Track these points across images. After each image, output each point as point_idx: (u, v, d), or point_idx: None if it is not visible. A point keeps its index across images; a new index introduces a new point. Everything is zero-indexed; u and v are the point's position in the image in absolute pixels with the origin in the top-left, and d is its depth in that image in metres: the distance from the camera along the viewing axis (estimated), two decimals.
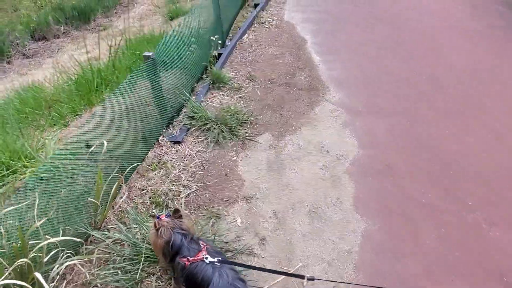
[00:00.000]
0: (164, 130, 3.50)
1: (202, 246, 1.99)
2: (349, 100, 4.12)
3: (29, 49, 10.18)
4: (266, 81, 4.50)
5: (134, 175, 3.04)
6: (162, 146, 3.34)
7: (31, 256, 1.83)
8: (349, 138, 3.57)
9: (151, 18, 11.20)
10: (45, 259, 1.94)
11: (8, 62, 9.64)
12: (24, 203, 1.89)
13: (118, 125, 2.97)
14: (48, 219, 2.13)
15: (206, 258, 1.91)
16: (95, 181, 2.56)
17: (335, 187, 3.03)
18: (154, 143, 3.35)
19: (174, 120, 3.68)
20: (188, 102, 3.74)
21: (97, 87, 4.98)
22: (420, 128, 3.69)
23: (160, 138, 3.41)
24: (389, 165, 3.26)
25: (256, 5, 6.57)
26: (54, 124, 4.66)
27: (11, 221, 1.88)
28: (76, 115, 4.63)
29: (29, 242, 1.90)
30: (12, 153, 3.52)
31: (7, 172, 3.31)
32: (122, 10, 13.03)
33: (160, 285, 2.23)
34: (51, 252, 2.01)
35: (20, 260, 1.72)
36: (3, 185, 3.28)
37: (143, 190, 2.89)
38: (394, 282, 2.33)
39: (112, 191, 2.56)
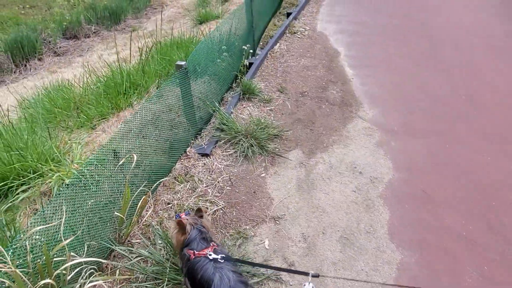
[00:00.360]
0: (192, 141, 3.44)
1: (212, 245, 2.01)
2: (383, 118, 3.96)
3: (60, 47, 10.42)
4: (297, 93, 4.39)
5: (161, 187, 2.98)
6: (189, 158, 3.28)
7: (55, 274, 1.77)
8: (384, 159, 3.41)
9: (180, 21, 11.27)
10: (69, 277, 1.88)
11: (39, 59, 9.87)
12: (52, 224, 1.83)
13: (146, 134, 2.92)
14: (73, 232, 2.08)
15: (210, 255, 1.92)
16: (120, 192, 2.51)
17: (369, 212, 2.88)
18: (181, 154, 3.28)
19: (203, 130, 3.61)
20: (218, 113, 3.67)
21: (125, 91, 4.98)
22: (459, 152, 3.49)
23: (188, 149, 3.34)
24: (426, 191, 3.09)
25: (288, 14, 6.48)
26: (81, 126, 4.68)
27: (37, 237, 1.82)
28: (103, 118, 4.64)
29: (54, 259, 1.85)
30: (39, 155, 3.52)
31: (34, 175, 3.31)
32: (152, 12, 13.22)
33: None
34: (75, 269, 1.94)
35: (44, 281, 1.66)
36: (28, 188, 3.29)
37: (169, 204, 2.82)
38: None
39: (139, 204, 2.49)
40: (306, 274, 1.88)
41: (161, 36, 7.76)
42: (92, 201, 2.25)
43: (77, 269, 1.96)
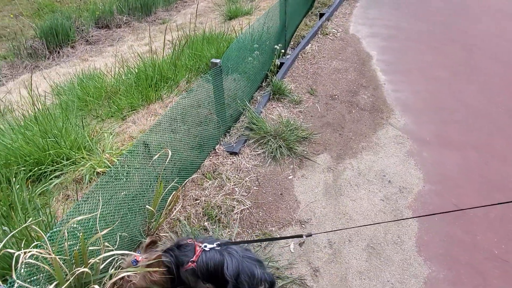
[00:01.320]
0: (221, 139, 3.47)
1: (195, 243, 2.02)
2: (416, 127, 3.89)
3: (92, 36, 10.67)
4: (327, 96, 4.36)
5: (189, 183, 3.03)
6: (218, 155, 3.31)
7: (90, 263, 1.83)
8: (414, 169, 3.35)
9: (210, 16, 11.35)
10: (101, 266, 1.94)
11: (72, 47, 10.14)
12: (91, 215, 1.90)
13: (177, 130, 2.97)
14: (105, 222, 2.15)
15: (205, 246, 1.97)
16: (152, 185, 2.57)
17: (397, 223, 2.84)
18: (210, 151, 3.32)
19: (232, 128, 3.64)
20: (248, 112, 3.69)
21: (156, 84, 5.06)
22: (495, 167, 3.39)
23: (217, 146, 3.38)
24: (458, 205, 3.02)
25: (321, 15, 6.43)
26: (112, 116, 4.79)
27: (75, 225, 1.89)
28: (134, 110, 4.73)
29: (89, 248, 1.91)
30: (72, 142, 3.63)
31: (67, 162, 3.42)
32: (182, 5, 13.35)
33: None
34: (106, 259, 2.00)
35: (81, 270, 1.72)
36: (61, 175, 3.40)
37: (196, 200, 2.86)
38: None
39: (169, 199, 2.54)
40: (301, 236, 2.00)
41: (190, 30, 7.84)
42: (124, 193, 2.31)
43: (109, 260, 2.03)
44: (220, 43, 6.07)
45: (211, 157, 3.29)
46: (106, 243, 1.95)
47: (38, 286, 1.69)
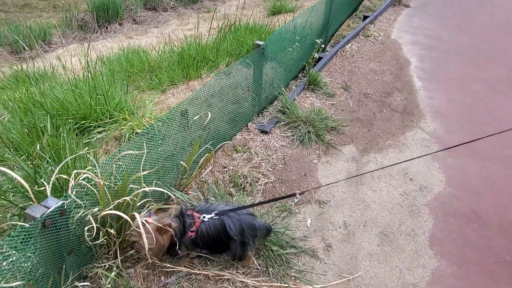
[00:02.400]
0: (254, 118, 3.67)
1: (194, 214, 2.18)
2: (445, 134, 3.95)
3: (139, 16, 11.13)
4: (361, 94, 4.48)
5: (220, 152, 3.24)
6: (250, 132, 3.51)
7: (129, 197, 2.06)
8: (438, 172, 3.43)
9: (254, 10, 11.58)
10: (138, 204, 2.17)
11: (120, 24, 10.63)
12: (138, 152, 2.13)
13: (215, 102, 3.18)
14: (144, 170, 2.38)
15: (204, 217, 2.14)
16: (185, 148, 2.79)
17: (412, 217, 2.95)
18: (243, 127, 3.53)
19: (265, 110, 3.83)
20: (282, 97, 3.87)
21: (197, 63, 5.32)
22: None
23: (250, 124, 3.58)
24: (476, 211, 3.08)
25: (365, 17, 6.52)
26: (152, 88, 5.08)
27: (120, 163, 2.13)
28: (173, 84, 5.00)
29: (129, 186, 2.14)
30: (116, 104, 3.92)
31: (109, 120, 3.71)
32: None
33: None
34: (141, 200, 2.24)
35: (123, 198, 1.95)
36: (103, 131, 3.69)
37: (225, 167, 3.07)
38: None
39: (201, 160, 2.76)
40: (294, 195, 2.17)
41: (234, 20, 8.09)
42: (163, 148, 2.55)
43: (143, 201, 2.26)
44: (262, 33, 6.28)
45: (242, 132, 3.49)
46: (144, 185, 2.18)
47: (85, 207, 1.93)
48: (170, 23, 11.17)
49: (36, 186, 2.27)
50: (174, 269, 2.31)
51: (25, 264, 1.74)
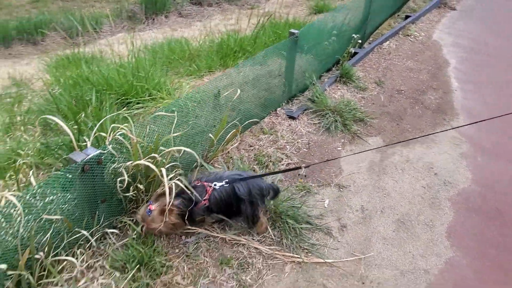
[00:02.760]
0: (283, 104, 3.81)
1: (204, 183, 2.33)
2: (477, 134, 3.89)
3: (184, 10, 11.56)
4: (394, 90, 4.49)
5: (248, 132, 3.41)
6: (278, 116, 3.65)
7: (159, 155, 2.27)
8: (465, 170, 3.41)
9: (297, 8, 11.68)
10: (166, 166, 2.37)
11: (166, 17, 11.11)
12: (170, 114, 2.35)
13: (247, 85, 3.35)
14: (174, 139, 2.59)
15: (215, 184, 2.28)
16: (214, 126, 2.98)
17: (433, 209, 2.97)
18: (271, 111, 3.67)
19: (295, 98, 3.96)
20: (313, 87, 3.97)
21: (234, 53, 5.53)
22: None
23: (279, 109, 3.72)
24: (500, 210, 3.05)
25: (407, 17, 6.46)
26: (191, 74, 5.35)
27: (154, 126, 2.35)
28: (211, 71, 5.24)
29: (160, 148, 2.35)
30: (155, 84, 4.20)
31: (148, 97, 3.98)
32: None
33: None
34: (170, 163, 2.44)
35: (153, 154, 2.16)
36: (141, 107, 3.97)
37: (251, 146, 3.23)
38: None
39: (228, 136, 2.94)
40: (299, 168, 2.26)
41: (275, 13, 8.24)
42: (193, 121, 2.75)
43: (172, 164, 2.46)
44: (300, 28, 6.40)
45: (271, 116, 3.64)
46: (172, 148, 2.38)
47: (119, 161, 2.16)
48: (214, 17, 11.52)
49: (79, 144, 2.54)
50: (195, 230, 2.50)
51: (64, 206, 1.99)
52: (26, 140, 3.25)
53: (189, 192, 2.22)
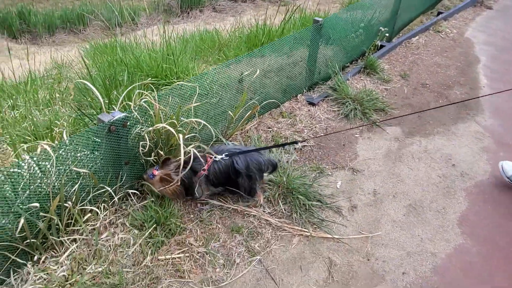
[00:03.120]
0: (304, 91, 3.90)
1: (206, 155, 2.42)
2: (501, 130, 3.83)
3: (219, 5, 11.83)
4: (418, 83, 4.48)
5: (267, 115, 3.53)
6: (298, 102, 3.75)
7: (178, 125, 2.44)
8: (485, 163, 3.38)
9: (329, 5, 11.65)
10: (186, 136, 2.54)
11: (200, 11, 11.42)
12: (192, 84, 2.52)
13: (269, 71, 3.48)
14: (196, 114, 2.76)
15: (215, 157, 2.37)
16: (234, 106, 3.13)
17: (446, 197, 2.98)
18: (292, 97, 3.78)
19: (316, 86, 4.04)
20: (335, 76, 4.04)
21: (262, 44, 5.67)
22: None
23: (299, 95, 3.82)
24: None
25: (439, 13, 6.36)
26: (218, 63, 5.54)
27: (176, 99, 2.52)
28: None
29: (181, 118, 2.53)
30: (184, 69, 4.40)
31: (176, 80, 4.19)
32: None
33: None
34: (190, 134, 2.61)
35: (173, 121, 2.33)
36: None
37: (269, 128, 3.36)
38: None
39: (247, 114, 3.08)
40: (296, 142, 2.44)
41: (306, 12, 8.31)
42: (215, 100, 2.91)
43: (191, 135, 2.63)
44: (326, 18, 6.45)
45: (291, 101, 3.74)
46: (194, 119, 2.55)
47: (142, 125, 2.34)
48: (247, 13, 11.71)
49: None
50: (209, 201, 2.65)
51: (91, 164, 2.19)
52: (63, 113, 3.53)
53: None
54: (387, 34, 4.93)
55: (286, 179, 2.75)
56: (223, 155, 2.42)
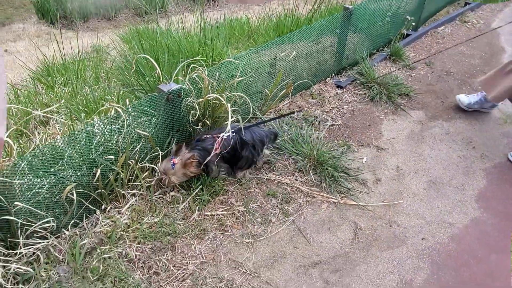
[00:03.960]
0: (333, 74, 4.15)
1: (214, 135, 2.57)
2: None
3: None
4: (443, 71, 4.65)
5: (298, 96, 3.81)
6: (327, 85, 4.01)
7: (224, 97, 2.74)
8: (504, 147, 3.56)
9: None
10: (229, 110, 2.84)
11: (227, 0, 11.70)
12: (239, 62, 2.81)
13: (299, 57, 3.74)
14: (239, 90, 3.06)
15: (223, 135, 2.53)
16: (269, 86, 3.41)
17: (466, 176, 3.20)
18: (321, 80, 4.04)
19: (344, 71, 4.28)
20: (362, 62, 4.26)
21: (290, 30, 5.91)
22: None
23: (328, 79, 4.07)
24: None
25: (466, 4, 6.45)
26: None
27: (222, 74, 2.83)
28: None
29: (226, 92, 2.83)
30: (218, 53, 4.70)
31: (211, 63, 4.49)
32: None
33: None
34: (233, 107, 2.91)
35: (221, 93, 2.63)
36: None
37: (300, 107, 3.63)
38: (480, 275, 2.50)
39: (281, 93, 3.36)
40: (293, 113, 2.78)
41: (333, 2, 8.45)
42: (253, 79, 3.20)
43: (234, 108, 2.93)
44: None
45: (320, 84, 4.00)
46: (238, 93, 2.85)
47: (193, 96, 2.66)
48: (272, 3, 11.89)
49: None
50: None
51: (149, 129, 2.52)
52: (112, 89, 3.89)
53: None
54: (413, 24, 5.09)
55: (316, 153, 3.03)
56: (230, 133, 2.54)
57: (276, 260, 2.41)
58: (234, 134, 2.58)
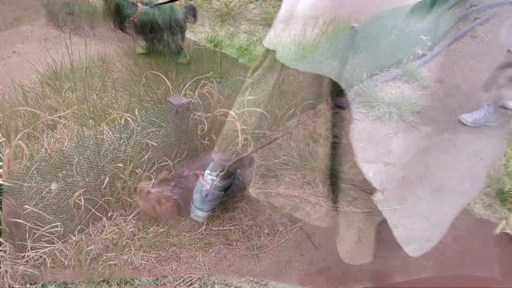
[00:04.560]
0: (334, 96, 4.23)
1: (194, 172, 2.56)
2: None
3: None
4: (452, 87, 4.75)
5: (304, 115, 3.89)
6: (328, 105, 4.12)
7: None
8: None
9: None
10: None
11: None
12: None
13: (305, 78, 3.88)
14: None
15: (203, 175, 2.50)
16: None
17: (471, 184, 3.30)
18: (324, 100, 4.13)
19: (345, 91, 4.36)
20: (365, 82, 4.34)
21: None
22: None
23: (329, 99, 4.16)
24: None
25: (475, 19, 6.57)
26: None
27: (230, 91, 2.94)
28: None
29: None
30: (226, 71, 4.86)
31: (219, 79, 4.63)
32: None
33: None
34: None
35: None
36: None
37: (306, 126, 3.74)
38: None
39: (289, 113, 3.49)
40: (277, 138, 2.90)
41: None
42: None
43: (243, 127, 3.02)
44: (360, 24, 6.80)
45: (323, 104, 4.10)
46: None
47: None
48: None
49: None
50: None
51: (157, 140, 2.62)
52: (120, 98, 4.02)
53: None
54: (428, 43, 5.17)
55: (324, 167, 3.12)
56: (214, 175, 2.47)
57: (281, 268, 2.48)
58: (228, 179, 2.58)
